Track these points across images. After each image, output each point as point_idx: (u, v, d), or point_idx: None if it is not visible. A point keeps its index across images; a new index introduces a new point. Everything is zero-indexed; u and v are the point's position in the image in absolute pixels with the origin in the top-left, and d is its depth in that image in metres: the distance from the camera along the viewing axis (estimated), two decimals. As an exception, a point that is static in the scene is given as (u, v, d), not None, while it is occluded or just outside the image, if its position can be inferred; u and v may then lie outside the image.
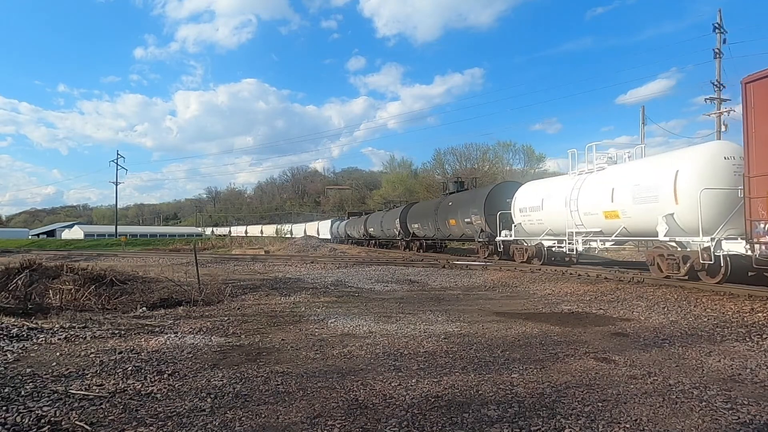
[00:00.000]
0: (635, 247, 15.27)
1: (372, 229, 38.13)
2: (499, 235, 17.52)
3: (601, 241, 12.79)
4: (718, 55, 26.83)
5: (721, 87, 26.83)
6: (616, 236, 12.08)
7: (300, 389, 4.03)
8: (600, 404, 3.61)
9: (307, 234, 53.72)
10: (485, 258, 19.49)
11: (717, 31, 26.65)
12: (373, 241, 40.48)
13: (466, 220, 20.70)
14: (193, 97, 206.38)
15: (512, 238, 16.81)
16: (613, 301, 8.97)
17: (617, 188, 11.68)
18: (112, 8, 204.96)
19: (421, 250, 28.38)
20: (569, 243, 13.73)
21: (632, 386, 4.05)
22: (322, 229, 56.22)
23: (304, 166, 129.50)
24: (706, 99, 27.21)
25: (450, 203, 23.35)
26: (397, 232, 31.08)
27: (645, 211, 10.68)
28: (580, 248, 13.41)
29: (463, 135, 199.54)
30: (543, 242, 15.44)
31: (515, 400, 3.73)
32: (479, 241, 19.89)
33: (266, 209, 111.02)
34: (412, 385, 4.10)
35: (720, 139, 24.77)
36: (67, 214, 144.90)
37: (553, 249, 15.04)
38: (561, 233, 14.17)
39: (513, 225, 16.77)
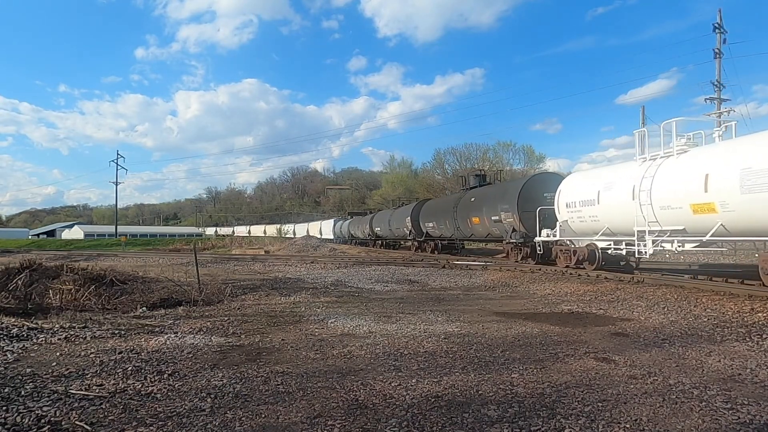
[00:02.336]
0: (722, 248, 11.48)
1: (378, 229, 36.18)
2: (539, 235, 15.04)
3: (679, 242, 10.19)
4: (718, 55, 26.87)
5: (721, 87, 26.86)
6: (710, 236, 9.36)
7: (300, 389, 4.03)
8: (600, 404, 3.61)
9: (310, 234, 53.39)
10: (518, 261, 17.19)
11: (717, 31, 26.70)
12: (380, 242, 38.08)
13: (493, 217, 18.24)
14: (194, 97, 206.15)
15: (556, 238, 14.28)
16: (613, 301, 8.97)
17: (714, 174, 9.15)
18: (113, 8, 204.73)
19: (436, 252, 26.21)
20: (640, 244, 11.09)
21: (632, 386, 4.05)
22: (325, 228, 55.36)
23: (304, 166, 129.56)
24: (706, 99, 27.26)
25: (472, 199, 20.77)
26: (408, 232, 29.06)
27: (760, 203, 8.29)
28: (650, 251, 10.84)
29: (464, 135, 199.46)
30: (597, 243, 12.93)
31: (515, 400, 3.73)
32: (510, 242, 17.35)
33: (266, 209, 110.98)
34: (412, 385, 4.10)
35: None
36: (67, 214, 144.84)
37: (609, 251, 12.59)
38: (624, 232, 11.71)
39: (557, 223, 14.18)
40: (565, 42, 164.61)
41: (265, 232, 65.37)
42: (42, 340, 5.55)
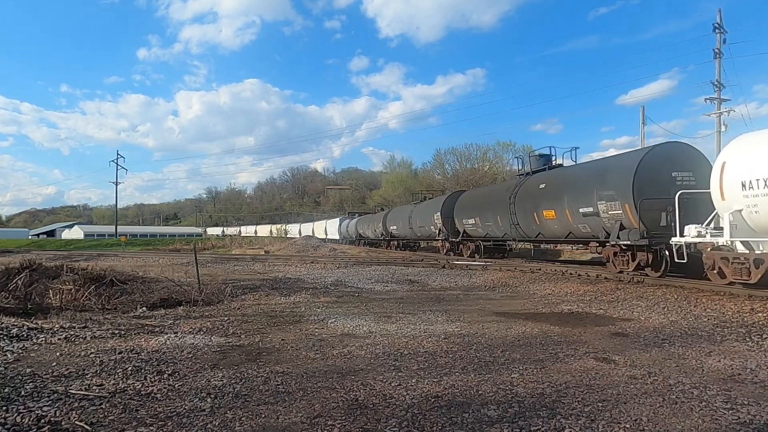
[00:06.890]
0: None
1: (394, 228, 31.60)
2: (680, 234, 9.74)
3: None
4: (718, 55, 26.87)
5: (721, 87, 26.86)
6: None
7: (300, 389, 4.02)
8: (600, 404, 3.61)
9: (315, 233, 52.54)
10: (631, 272, 11.71)
11: (717, 31, 26.70)
12: (395, 242, 33.29)
13: (582, 209, 13.02)
14: (196, 97, 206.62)
15: (720, 239, 8.85)
16: (613, 301, 8.96)
17: None
18: (115, 9, 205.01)
19: (477, 255, 20.80)
20: None
21: (632, 386, 4.05)
22: (330, 228, 53.04)
23: (304, 166, 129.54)
24: (706, 99, 27.28)
25: (542, 186, 15.47)
26: (437, 231, 24.17)
27: None
28: None
29: (464, 135, 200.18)
30: None
31: (515, 400, 3.73)
32: (615, 244, 11.97)
33: (266, 209, 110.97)
34: (412, 385, 4.10)
35: (720, 140, 24.76)
36: (68, 214, 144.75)
37: None
38: None
39: (723, 216, 8.73)
40: (566, 42, 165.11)
41: (271, 232, 65.13)
42: (42, 340, 5.54)
